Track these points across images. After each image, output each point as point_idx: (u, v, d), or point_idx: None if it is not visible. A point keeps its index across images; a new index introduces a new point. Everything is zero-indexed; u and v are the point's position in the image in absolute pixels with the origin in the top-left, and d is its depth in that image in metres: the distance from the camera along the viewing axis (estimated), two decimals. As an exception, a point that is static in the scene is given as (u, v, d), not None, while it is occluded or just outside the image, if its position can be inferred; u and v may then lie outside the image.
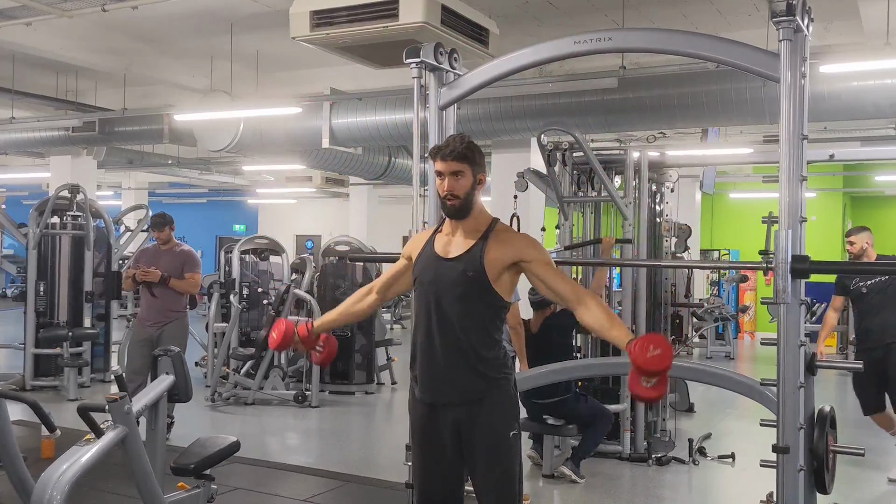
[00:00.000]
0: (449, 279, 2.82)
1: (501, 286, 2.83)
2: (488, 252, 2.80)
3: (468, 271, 2.79)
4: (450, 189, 2.82)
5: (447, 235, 2.91)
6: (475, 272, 2.79)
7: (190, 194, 20.81)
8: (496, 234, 2.85)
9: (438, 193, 2.86)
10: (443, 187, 2.83)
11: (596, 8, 6.70)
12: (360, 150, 10.40)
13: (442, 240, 2.91)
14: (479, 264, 2.79)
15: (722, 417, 8.15)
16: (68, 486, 3.01)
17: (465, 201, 2.83)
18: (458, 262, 2.82)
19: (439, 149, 2.86)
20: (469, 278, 2.79)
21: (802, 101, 2.95)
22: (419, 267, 2.94)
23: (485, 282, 2.79)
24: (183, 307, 6.49)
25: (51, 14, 6.25)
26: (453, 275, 2.81)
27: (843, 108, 6.57)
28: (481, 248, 2.81)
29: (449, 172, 2.82)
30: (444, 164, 2.83)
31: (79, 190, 8.88)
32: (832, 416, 3.18)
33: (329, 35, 5.31)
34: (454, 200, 2.82)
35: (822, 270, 3.16)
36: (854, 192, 16.13)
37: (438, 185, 2.85)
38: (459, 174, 2.82)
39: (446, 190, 2.82)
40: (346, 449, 6.87)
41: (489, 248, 2.81)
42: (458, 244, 2.86)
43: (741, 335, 15.23)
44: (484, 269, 2.79)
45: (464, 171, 2.82)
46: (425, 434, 2.90)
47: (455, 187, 2.82)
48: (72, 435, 3.43)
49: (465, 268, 2.80)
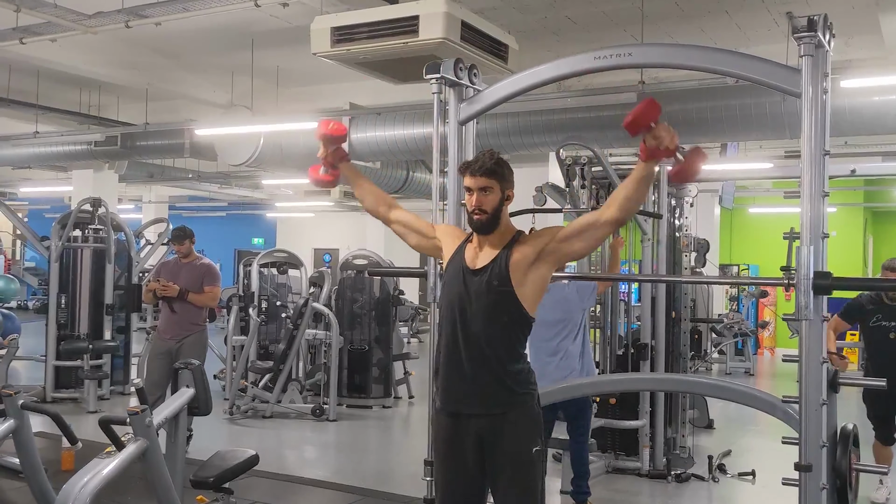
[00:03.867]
0: (475, 291, 2.85)
1: (526, 294, 2.84)
2: (512, 258, 2.84)
3: (493, 281, 2.82)
4: (478, 204, 2.86)
5: (475, 248, 2.95)
6: (500, 281, 2.82)
7: (209, 208, 20.95)
8: (519, 243, 2.89)
9: (466, 208, 2.90)
10: (471, 202, 2.87)
11: (614, 23, 6.71)
12: (379, 165, 10.43)
13: (471, 251, 2.95)
14: (505, 272, 2.82)
15: (742, 434, 8.08)
16: (89, 498, 3.03)
17: (493, 216, 2.87)
18: (484, 274, 2.86)
19: (469, 164, 2.91)
20: (495, 288, 2.82)
21: (824, 116, 2.93)
22: (448, 275, 2.98)
23: (510, 292, 2.81)
24: (203, 320, 6.52)
25: (76, 30, 6.33)
26: (479, 287, 2.84)
27: (864, 122, 6.52)
28: (505, 256, 2.85)
29: (478, 188, 2.86)
30: (473, 179, 2.86)
31: (100, 203, 8.97)
32: (855, 434, 3.15)
33: (349, 51, 5.34)
34: (481, 215, 2.86)
35: (844, 287, 3.13)
36: (875, 206, 15.99)
37: (468, 199, 2.90)
38: (488, 189, 2.86)
39: (474, 205, 2.86)
40: (364, 463, 6.86)
41: (512, 254, 2.85)
42: (484, 256, 2.90)
43: (761, 351, 15.10)
44: (509, 277, 2.81)
45: (492, 186, 2.86)
46: (448, 446, 2.90)
47: (483, 202, 2.85)
48: (92, 447, 3.45)
49: (491, 278, 2.83)
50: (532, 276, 2.84)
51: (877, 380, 3.25)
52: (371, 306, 9.38)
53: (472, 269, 2.89)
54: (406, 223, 3.19)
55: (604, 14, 6.56)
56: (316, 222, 19.97)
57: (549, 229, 2.93)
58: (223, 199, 19.25)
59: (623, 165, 7.59)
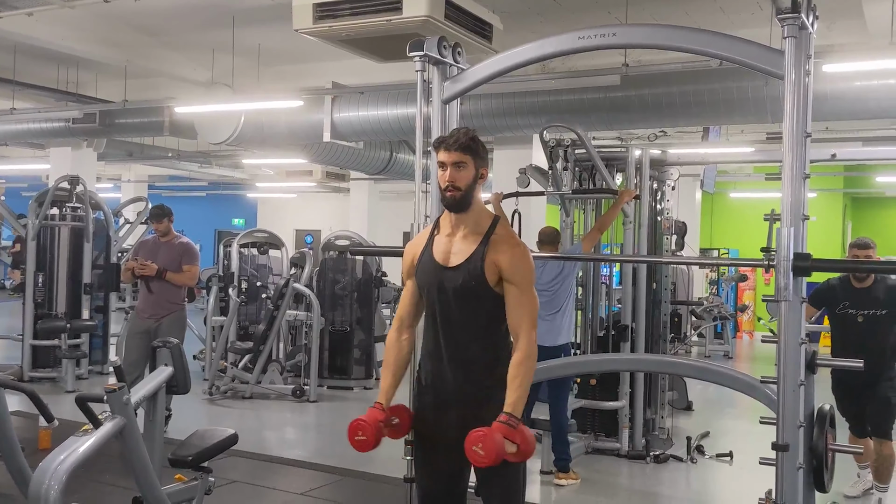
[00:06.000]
0: (451, 289, 2.79)
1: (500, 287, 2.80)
2: (487, 258, 2.77)
3: (470, 281, 2.77)
4: (451, 180, 2.79)
5: (447, 237, 2.87)
6: (477, 281, 2.76)
7: (189, 187, 20.78)
8: (495, 240, 2.80)
9: (439, 185, 2.84)
10: (444, 178, 2.80)
11: (599, 5, 6.68)
12: (362, 145, 10.37)
13: (441, 243, 2.87)
14: (480, 272, 2.76)
15: (720, 416, 8.16)
16: (66, 476, 3.00)
17: (466, 194, 2.80)
18: (459, 272, 2.79)
19: (443, 139, 2.85)
20: (472, 287, 2.77)
21: (806, 98, 2.94)
22: (420, 274, 2.89)
23: (487, 289, 2.77)
24: (181, 300, 6.48)
25: (52, 4, 6.23)
26: (455, 285, 2.78)
27: (846, 107, 6.55)
28: (481, 254, 2.78)
29: (451, 163, 2.80)
30: (448, 154, 2.81)
31: (78, 181, 8.87)
32: (832, 415, 3.17)
33: (332, 28, 5.29)
34: (454, 192, 2.79)
35: (823, 269, 3.16)
36: (855, 192, 16.12)
37: (440, 175, 2.82)
38: (462, 165, 2.80)
39: (448, 180, 2.79)
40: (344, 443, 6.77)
41: (488, 253, 2.77)
42: (459, 251, 2.82)
43: (740, 334, 15.24)
44: (485, 277, 2.76)
45: (466, 162, 2.80)
46: (429, 425, 2.88)
47: (457, 178, 2.79)
48: (70, 426, 3.42)
49: (466, 277, 2.77)
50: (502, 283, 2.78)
51: (853, 361, 3.27)
52: (353, 287, 9.35)
53: (445, 267, 2.82)
54: (412, 311, 2.97)
55: (588, -5, 6.54)
56: (298, 203, 19.87)
57: (518, 274, 2.76)
58: (203, 178, 19.09)
59: (605, 148, 7.61)
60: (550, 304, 5.58)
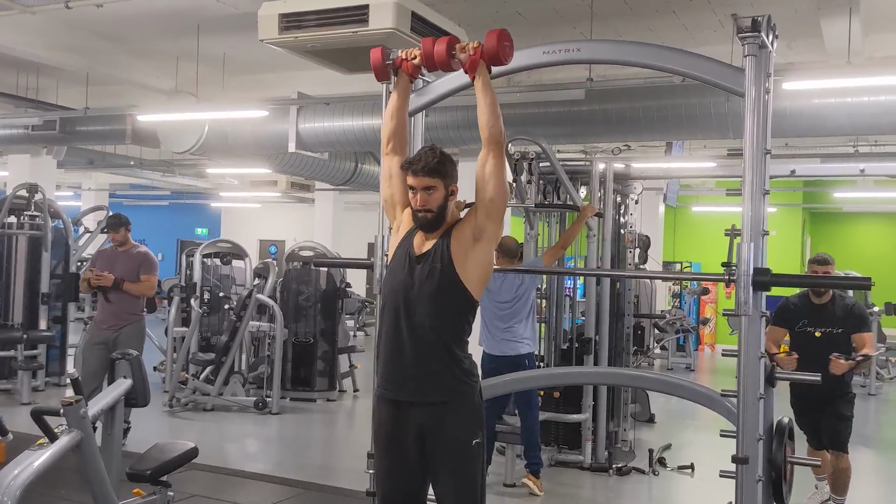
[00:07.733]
0: (419, 276, 2.84)
1: (470, 277, 2.84)
2: (452, 240, 2.84)
3: (437, 265, 2.82)
4: (422, 204, 2.85)
5: (422, 235, 2.94)
6: (443, 264, 2.82)
7: (152, 196, 20.50)
8: (457, 227, 2.90)
9: (412, 206, 2.87)
10: (416, 201, 2.85)
11: (564, 20, 6.75)
12: (327, 155, 10.33)
13: (418, 238, 2.94)
14: (447, 255, 2.82)
15: (682, 428, 8.23)
16: (20, 491, 2.94)
17: (439, 214, 2.87)
18: (426, 258, 2.86)
19: (411, 163, 2.88)
20: (438, 272, 2.81)
21: (766, 115, 2.99)
22: (393, 261, 2.96)
23: (453, 274, 2.81)
24: (140, 310, 6.40)
25: (12, 9, 6.13)
26: (423, 273, 2.84)
27: (804, 124, 6.67)
28: (446, 241, 2.86)
29: (421, 188, 2.84)
30: (416, 179, 2.84)
31: (37, 189, 8.73)
32: (790, 428, 3.22)
33: (298, 39, 5.27)
34: (427, 214, 2.85)
35: (783, 283, 3.20)
36: (813, 207, 16.43)
37: (411, 198, 2.88)
38: (432, 189, 2.84)
39: (419, 205, 2.84)
40: (306, 456, 6.80)
41: (452, 237, 2.86)
42: (428, 243, 2.91)
43: (701, 347, 15.41)
44: (451, 260, 2.82)
45: (436, 185, 2.85)
46: (389, 437, 2.89)
47: (428, 201, 2.85)
48: (25, 440, 3.34)
49: (434, 262, 2.83)
50: (474, 255, 2.84)
51: (811, 375, 3.32)
52: (317, 298, 9.30)
53: (415, 256, 2.89)
54: (393, 174, 3.05)
55: (554, 10, 6.59)
56: (262, 213, 19.73)
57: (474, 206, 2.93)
58: (166, 187, 18.85)
59: (570, 161, 7.66)
60: (510, 316, 5.61)
